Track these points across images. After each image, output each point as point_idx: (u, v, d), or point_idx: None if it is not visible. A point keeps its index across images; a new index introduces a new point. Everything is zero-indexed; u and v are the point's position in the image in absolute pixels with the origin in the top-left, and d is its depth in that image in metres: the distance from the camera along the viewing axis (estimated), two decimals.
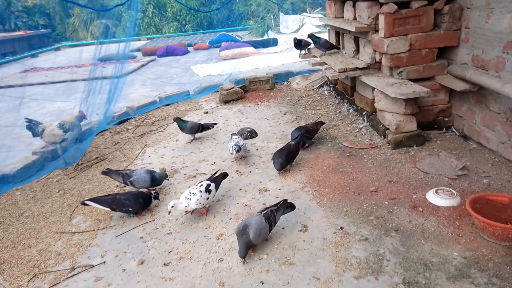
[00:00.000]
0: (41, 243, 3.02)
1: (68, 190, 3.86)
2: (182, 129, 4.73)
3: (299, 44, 5.93)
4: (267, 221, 2.67)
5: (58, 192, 3.85)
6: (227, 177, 3.56)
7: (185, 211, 3.17)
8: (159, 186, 3.70)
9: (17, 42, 15.84)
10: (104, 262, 2.74)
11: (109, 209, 3.20)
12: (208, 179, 3.30)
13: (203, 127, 4.80)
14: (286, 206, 2.93)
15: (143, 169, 3.64)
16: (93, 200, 3.21)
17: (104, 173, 3.68)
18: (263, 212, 2.73)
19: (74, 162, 4.43)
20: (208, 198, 3.15)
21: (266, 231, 2.67)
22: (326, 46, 5.40)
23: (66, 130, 4.37)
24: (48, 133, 4.33)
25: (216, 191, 3.27)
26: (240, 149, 3.98)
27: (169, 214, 3.15)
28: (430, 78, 4.24)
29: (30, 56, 14.99)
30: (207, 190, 3.14)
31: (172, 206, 3.01)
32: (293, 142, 3.94)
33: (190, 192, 3.10)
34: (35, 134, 4.37)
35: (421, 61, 4.16)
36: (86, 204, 3.20)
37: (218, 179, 3.35)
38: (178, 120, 4.72)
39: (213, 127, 4.95)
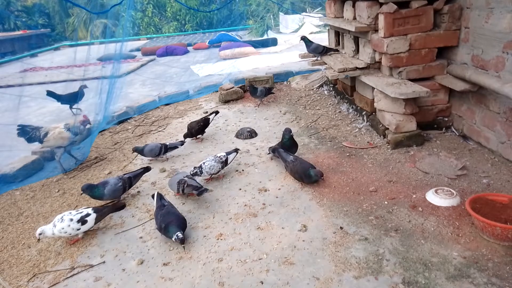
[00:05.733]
0: (41, 243, 3.01)
1: (67, 190, 3.85)
2: (141, 153, 4.23)
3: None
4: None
5: (57, 192, 3.85)
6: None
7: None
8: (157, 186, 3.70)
9: (17, 41, 15.83)
10: (104, 262, 2.73)
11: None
12: (94, 207, 3.06)
13: (166, 148, 4.22)
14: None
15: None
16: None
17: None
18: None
19: (74, 167, 4.37)
20: (79, 229, 2.90)
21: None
22: (318, 51, 5.37)
23: (75, 133, 4.22)
24: (55, 137, 4.11)
25: (95, 223, 2.99)
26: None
27: (38, 241, 2.96)
28: (430, 78, 4.25)
29: (30, 55, 14.98)
30: (81, 221, 2.90)
31: (40, 234, 2.84)
32: None
33: (62, 218, 2.88)
34: (33, 140, 4.16)
35: (421, 61, 4.16)
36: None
37: (105, 210, 3.07)
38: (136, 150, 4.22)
39: (182, 145, 4.40)
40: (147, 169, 3.72)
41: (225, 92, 6.37)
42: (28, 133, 4.16)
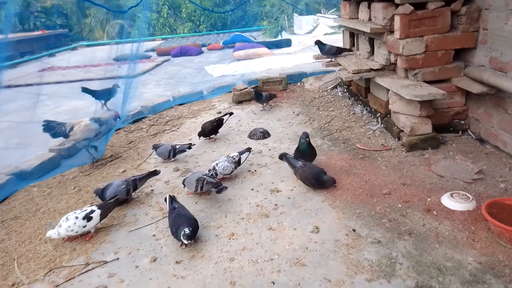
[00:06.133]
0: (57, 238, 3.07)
1: (83, 187, 3.92)
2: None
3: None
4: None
5: (73, 189, 3.92)
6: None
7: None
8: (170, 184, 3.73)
9: (35, 41, 16.15)
10: (118, 259, 2.77)
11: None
12: (97, 204, 3.12)
13: (175, 152, 4.25)
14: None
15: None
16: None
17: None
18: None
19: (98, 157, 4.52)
20: (85, 226, 2.96)
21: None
22: (331, 52, 5.37)
23: (101, 123, 4.33)
24: (82, 129, 4.20)
25: (101, 219, 3.05)
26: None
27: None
28: (446, 80, 4.19)
29: (48, 55, 15.29)
30: (87, 217, 2.96)
31: (49, 237, 2.91)
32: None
33: (67, 217, 2.94)
34: (58, 135, 4.25)
35: (437, 63, 4.11)
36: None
37: (109, 205, 3.15)
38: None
39: (189, 148, 4.36)
40: (154, 173, 3.70)
41: (238, 93, 6.39)
42: (53, 128, 4.24)
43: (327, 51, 5.40)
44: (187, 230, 2.70)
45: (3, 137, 4.60)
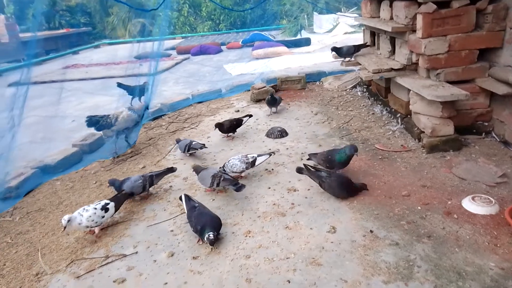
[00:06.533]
0: (78, 231, 3.16)
1: (104, 182, 4.01)
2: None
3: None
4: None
5: (94, 183, 4.02)
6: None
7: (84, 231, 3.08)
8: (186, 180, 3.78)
9: (60, 39, 16.60)
10: (136, 253, 2.84)
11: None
12: (108, 199, 3.20)
13: (190, 147, 4.32)
14: None
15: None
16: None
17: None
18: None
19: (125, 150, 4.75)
20: (103, 217, 3.04)
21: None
22: (350, 52, 5.38)
23: (139, 114, 4.62)
24: (126, 119, 4.53)
25: (115, 211, 3.16)
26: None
27: (64, 230, 2.93)
28: (470, 80, 4.09)
29: (72, 53, 15.67)
30: (104, 208, 3.05)
31: (68, 221, 2.89)
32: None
33: (84, 209, 3.00)
34: (103, 127, 4.50)
35: (460, 62, 4.01)
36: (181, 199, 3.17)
37: (120, 198, 3.27)
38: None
39: (201, 148, 4.38)
40: (171, 170, 3.78)
41: (256, 91, 6.40)
42: (97, 122, 4.47)
43: (346, 52, 5.38)
44: (211, 236, 2.72)
45: (29, 131, 4.76)
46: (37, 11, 4.19)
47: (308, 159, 3.87)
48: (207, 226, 2.78)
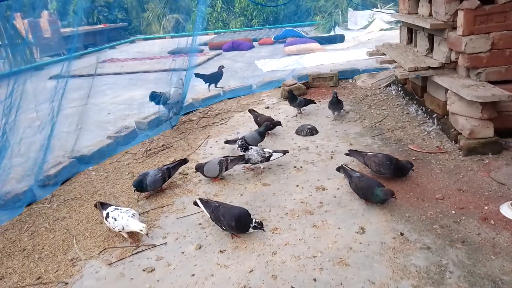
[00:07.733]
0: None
1: (136, 174, 4.12)
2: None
3: None
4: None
5: (127, 174, 4.15)
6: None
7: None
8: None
9: (98, 34, 17.21)
10: (165, 243, 2.91)
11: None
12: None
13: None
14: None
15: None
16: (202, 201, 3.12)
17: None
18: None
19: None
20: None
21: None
22: (300, 105, 5.37)
23: (182, 92, 5.47)
24: (177, 94, 5.42)
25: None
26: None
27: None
28: None
29: (109, 47, 16.19)
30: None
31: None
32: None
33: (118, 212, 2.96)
34: (161, 101, 5.34)
35: (504, 62, 3.82)
36: (197, 205, 3.12)
37: None
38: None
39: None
40: (184, 161, 3.94)
41: (287, 88, 6.35)
42: (157, 97, 5.38)
43: (298, 103, 5.33)
44: (258, 220, 2.84)
45: (67, 122, 4.96)
46: (78, 7, 4.36)
47: (346, 154, 3.82)
48: (243, 219, 2.81)
